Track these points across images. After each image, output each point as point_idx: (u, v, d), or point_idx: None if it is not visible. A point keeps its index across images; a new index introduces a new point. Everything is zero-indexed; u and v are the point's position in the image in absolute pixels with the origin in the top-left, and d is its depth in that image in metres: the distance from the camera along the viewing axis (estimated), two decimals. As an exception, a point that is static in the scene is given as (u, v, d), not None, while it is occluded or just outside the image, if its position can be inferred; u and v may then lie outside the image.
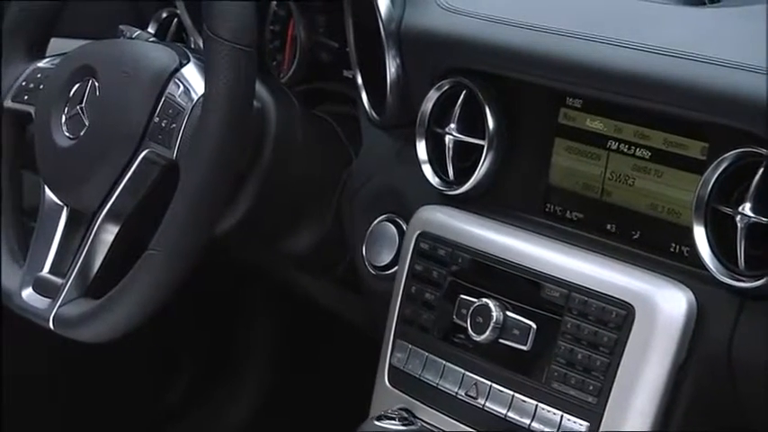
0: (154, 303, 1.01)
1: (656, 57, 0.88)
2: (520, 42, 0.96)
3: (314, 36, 1.26)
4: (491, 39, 0.98)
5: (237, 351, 1.61)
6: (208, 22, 0.98)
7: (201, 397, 1.63)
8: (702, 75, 0.85)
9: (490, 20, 0.99)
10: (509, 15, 0.98)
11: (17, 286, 1.11)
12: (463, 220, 1.00)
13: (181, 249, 0.99)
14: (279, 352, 1.60)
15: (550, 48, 0.94)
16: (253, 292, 1.57)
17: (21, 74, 1.16)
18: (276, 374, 1.60)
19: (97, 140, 1.06)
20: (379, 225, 1.12)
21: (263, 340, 1.60)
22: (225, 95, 0.97)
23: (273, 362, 1.60)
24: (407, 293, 1.02)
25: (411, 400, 0.99)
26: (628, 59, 0.89)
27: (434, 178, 1.04)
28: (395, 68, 1.08)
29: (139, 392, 1.59)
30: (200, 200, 0.98)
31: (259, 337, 1.60)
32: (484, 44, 0.98)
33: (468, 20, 1.00)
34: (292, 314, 1.56)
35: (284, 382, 1.60)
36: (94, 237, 1.06)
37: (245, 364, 1.61)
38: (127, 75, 1.05)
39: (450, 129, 1.03)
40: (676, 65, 0.86)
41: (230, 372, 1.62)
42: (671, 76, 0.87)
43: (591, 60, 0.91)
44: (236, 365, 1.61)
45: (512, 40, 0.97)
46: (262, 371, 1.60)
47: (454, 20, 1.01)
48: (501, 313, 0.93)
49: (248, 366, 1.60)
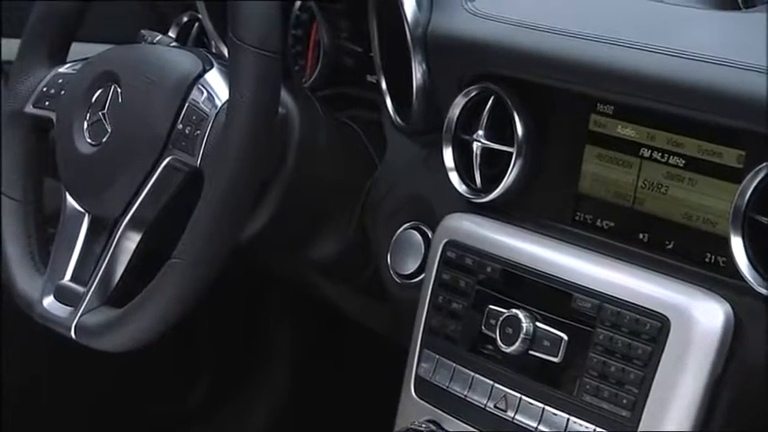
0: (177, 313, 1.00)
1: (689, 62, 0.86)
2: (550, 48, 0.94)
3: (337, 40, 1.24)
4: (521, 44, 0.96)
5: (259, 355, 1.60)
6: (233, 27, 0.96)
7: (223, 400, 1.62)
8: (735, 81, 0.83)
9: (520, 25, 0.97)
10: (539, 20, 0.97)
11: (38, 294, 1.09)
12: (491, 228, 0.99)
13: (205, 258, 0.98)
14: (301, 357, 1.58)
15: (581, 53, 0.92)
16: (275, 297, 1.55)
17: (42, 79, 1.15)
18: (298, 379, 1.59)
19: (120, 147, 1.05)
20: (405, 233, 1.10)
21: (285, 344, 1.59)
22: (250, 102, 0.95)
23: (295, 366, 1.59)
24: (434, 303, 1.01)
25: (438, 411, 0.98)
26: (660, 65, 0.87)
27: (461, 186, 1.03)
28: (421, 74, 1.06)
29: (161, 395, 1.58)
30: (225, 207, 0.97)
31: (281, 341, 1.58)
32: (513, 49, 0.97)
33: (497, 25, 0.99)
34: (314, 319, 1.54)
35: (306, 387, 1.59)
36: (116, 244, 1.05)
37: (266, 367, 1.59)
38: (150, 81, 1.04)
39: (477, 135, 1.01)
40: (709, 70, 0.84)
41: (252, 375, 1.61)
42: (704, 81, 0.85)
43: (623, 66, 0.90)
44: (258, 369, 1.60)
45: (542, 45, 0.95)
46: (283, 375, 1.58)
47: (483, 25, 1.00)
48: (531, 324, 0.91)
49: (270, 370, 1.59)
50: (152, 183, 1.03)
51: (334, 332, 1.52)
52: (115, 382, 1.51)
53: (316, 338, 1.58)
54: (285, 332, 1.58)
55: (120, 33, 1.41)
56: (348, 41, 1.25)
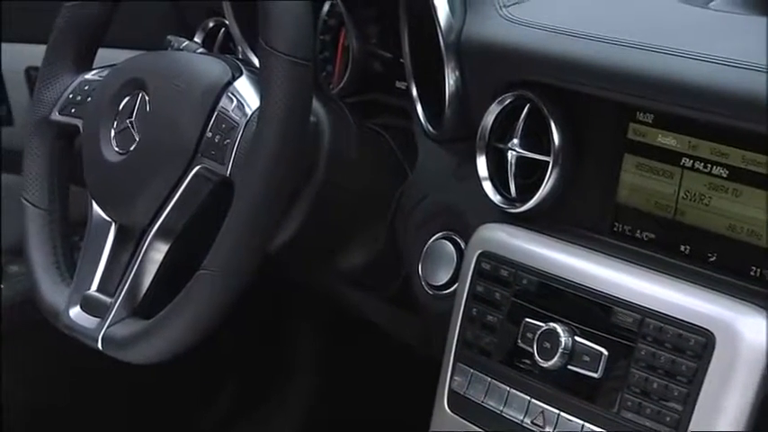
0: (206, 324, 0.98)
1: (734, 70, 0.83)
2: (589, 55, 0.92)
3: (366, 46, 1.22)
4: (558, 51, 0.94)
5: (284, 364, 1.58)
6: (264, 34, 0.94)
7: (247, 410, 1.60)
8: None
9: (557, 31, 0.95)
10: (577, 27, 0.94)
11: (64, 305, 1.08)
12: (527, 239, 0.96)
13: (235, 269, 0.96)
14: (326, 367, 1.56)
15: (621, 60, 0.90)
16: (300, 306, 1.53)
17: (68, 86, 1.13)
18: (324, 390, 1.57)
19: (148, 156, 1.03)
20: (436, 243, 1.08)
21: (310, 354, 1.57)
22: (281, 111, 0.93)
23: (321, 377, 1.57)
24: (468, 315, 0.98)
25: (473, 426, 0.95)
26: (703, 72, 0.85)
27: (495, 196, 1.00)
28: (454, 81, 1.04)
29: (185, 404, 1.56)
30: (255, 218, 0.95)
31: (306, 350, 1.56)
32: (550, 57, 0.94)
33: (533, 31, 0.96)
34: (340, 329, 1.52)
35: (332, 398, 1.57)
36: (144, 255, 1.03)
37: (291, 377, 1.57)
38: (178, 88, 1.02)
39: (512, 144, 0.99)
40: (754, 78, 0.82)
41: (276, 385, 1.59)
42: (748, 90, 0.82)
43: (664, 73, 0.87)
44: (282, 379, 1.58)
45: (580, 52, 0.92)
46: (309, 385, 1.57)
47: (518, 31, 0.97)
48: (569, 338, 0.89)
49: (295, 380, 1.57)
50: (180, 192, 1.01)
51: (360, 342, 1.50)
52: (138, 390, 1.50)
53: (342, 348, 1.56)
54: (310, 341, 1.56)
55: (145, 39, 1.40)
56: (377, 47, 1.23)
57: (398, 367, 1.42)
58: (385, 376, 1.52)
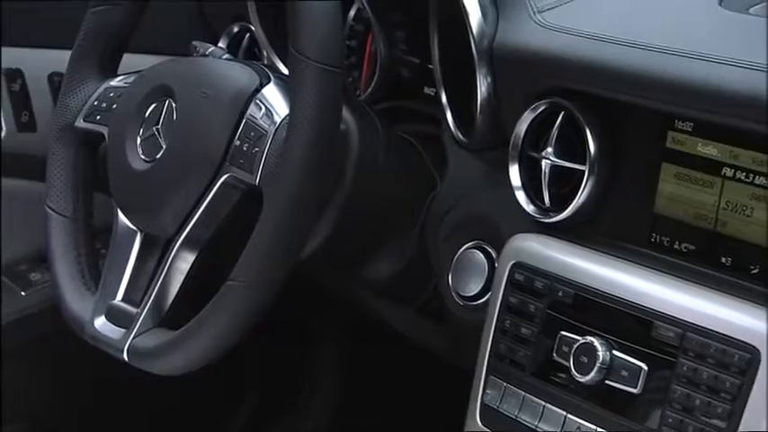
0: (234, 336, 0.96)
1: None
2: (626, 62, 0.90)
3: (394, 52, 1.20)
4: (594, 58, 0.92)
5: (306, 374, 1.56)
6: (294, 41, 0.92)
7: (269, 420, 1.58)
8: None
9: (593, 37, 0.93)
10: (614, 33, 0.92)
11: (89, 315, 1.06)
12: (562, 250, 0.94)
13: (264, 280, 0.94)
14: (349, 377, 1.54)
15: (659, 67, 0.88)
16: (323, 314, 1.52)
17: (93, 92, 1.11)
18: (347, 400, 1.55)
19: (175, 164, 1.01)
20: (467, 253, 1.06)
21: (333, 364, 1.55)
22: (311, 119, 0.91)
23: (344, 387, 1.55)
24: (501, 327, 0.96)
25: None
26: (744, 80, 0.83)
27: (529, 205, 0.98)
28: (486, 88, 1.02)
29: (208, 413, 1.54)
30: (285, 228, 0.93)
31: (329, 360, 1.54)
32: (586, 63, 0.92)
33: (568, 37, 0.94)
34: (365, 338, 1.50)
35: (355, 408, 1.55)
36: (170, 264, 1.01)
37: (313, 388, 1.56)
38: (205, 95, 1.00)
39: (546, 153, 0.97)
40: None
41: (298, 396, 1.57)
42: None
43: (703, 81, 0.85)
44: (304, 389, 1.56)
45: (616, 59, 0.90)
46: (331, 396, 1.55)
47: (553, 37, 0.95)
48: (607, 353, 0.87)
49: (317, 390, 1.55)
50: (208, 201, 0.99)
51: (384, 352, 1.48)
52: (158, 400, 1.48)
53: (366, 358, 1.54)
54: (333, 350, 1.54)
55: (169, 44, 1.39)
56: (405, 52, 1.21)
57: (424, 377, 1.40)
58: (410, 387, 1.49)
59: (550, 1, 0.99)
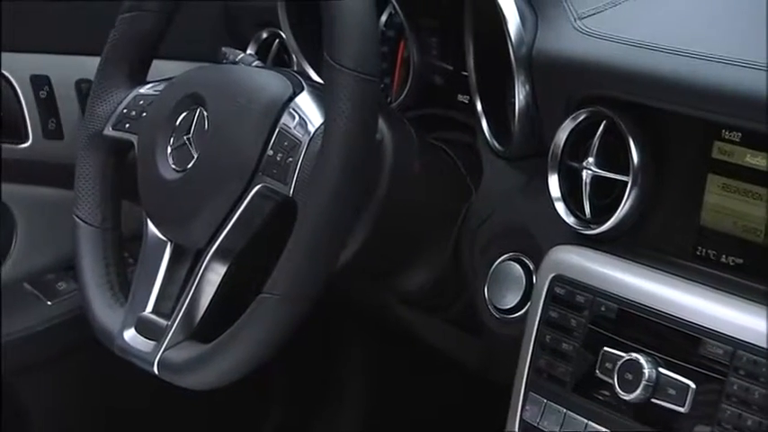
0: (267, 350, 0.94)
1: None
2: (671, 70, 0.87)
3: (427, 58, 1.18)
4: (637, 65, 0.89)
5: (332, 387, 1.54)
6: (329, 49, 0.91)
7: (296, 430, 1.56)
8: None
9: (636, 44, 0.90)
10: (658, 40, 0.90)
11: (118, 326, 1.04)
12: (604, 262, 0.92)
13: (298, 293, 0.92)
14: (377, 390, 1.52)
15: (706, 76, 0.85)
16: (351, 325, 1.49)
17: (122, 100, 1.10)
18: (374, 413, 1.52)
19: (206, 173, 0.99)
20: (504, 264, 1.04)
21: (360, 376, 1.53)
22: (348, 129, 0.89)
23: (371, 399, 1.52)
24: (540, 342, 0.94)
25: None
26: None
27: (569, 217, 0.96)
28: (524, 96, 1.00)
29: (234, 425, 1.52)
30: (320, 240, 0.91)
31: (356, 372, 1.52)
32: (630, 71, 0.90)
33: (611, 44, 0.92)
34: (393, 350, 1.48)
35: (384, 422, 1.52)
36: (201, 276, 0.99)
37: (340, 400, 1.53)
38: (238, 104, 0.98)
39: (588, 163, 0.94)
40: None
41: (325, 409, 1.55)
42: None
43: (753, 90, 0.82)
44: (331, 402, 1.53)
45: (661, 66, 0.88)
46: (359, 408, 1.52)
47: (595, 44, 0.93)
48: (653, 370, 0.84)
49: (344, 403, 1.53)
50: (240, 211, 0.97)
51: (415, 364, 1.45)
52: (185, 410, 1.46)
53: (394, 370, 1.51)
54: (361, 363, 1.51)
55: (197, 50, 1.37)
56: (438, 59, 1.18)
57: (455, 391, 1.37)
58: (440, 400, 1.47)
59: (592, 7, 0.97)
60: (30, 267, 1.34)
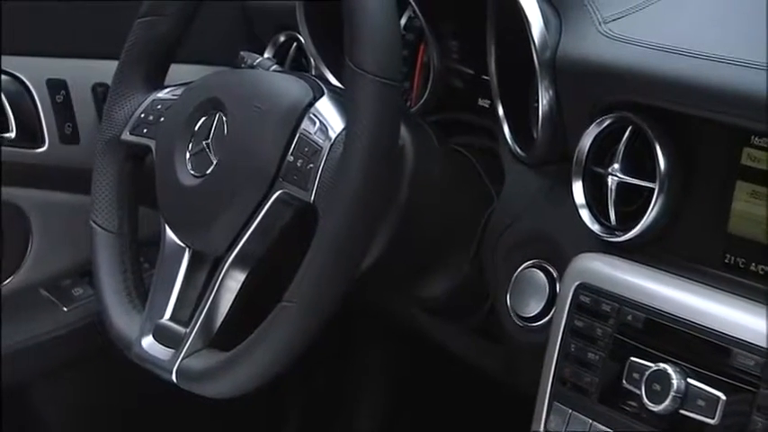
0: (287, 358, 0.93)
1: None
2: (698, 75, 0.86)
3: (447, 62, 1.17)
4: (666, 70, 0.88)
5: (350, 394, 1.52)
6: (350, 54, 0.89)
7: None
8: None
9: (663, 49, 0.89)
10: (684, 44, 0.88)
11: (136, 334, 1.03)
12: (630, 271, 0.90)
13: (319, 301, 0.91)
14: (396, 397, 1.50)
15: (735, 81, 0.83)
16: (368, 331, 1.48)
17: (139, 105, 1.09)
18: (393, 421, 1.50)
19: (225, 179, 0.98)
20: (526, 272, 1.02)
21: (380, 380, 1.51)
22: (370, 135, 0.88)
23: (391, 405, 1.51)
24: (565, 351, 0.92)
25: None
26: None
27: (594, 224, 0.94)
28: (547, 101, 0.98)
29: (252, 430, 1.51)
30: (342, 248, 0.90)
31: (374, 379, 1.50)
32: (658, 76, 0.88)
33: (637, 49, 0.90)
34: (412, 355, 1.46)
35: (402, 427, 1.51)
36: (220, 283, 0.98)
37: (357, 408, 1.52)
38: (257, 109, 0.97)
39: (613, 169, 0.93)
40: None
41: (342, 417, 1.53)
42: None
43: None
44: (348, 410, 1.52)
45: (690, 71, 0.86)
46: (377, 415, 1.51)
47: (621, 49, 0.91)
48: (682, 381, 0.82)
49: (361, 411, 1.51)
50: (260, 218, 0.96)
51: (434, 371, 1.43)
52: (200, 418, 1.45)
53: (413, 376, 1.49)
54: (379, 370, 1.49)
55: (213, 53, 1.36)
56: (458, 63, 1.17)
57: (475, 398, 1.36)
58: (460, 407, 1.45)
59: (617, 11, 0.96)
60: (45, 273, 1.33)
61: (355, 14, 0.89)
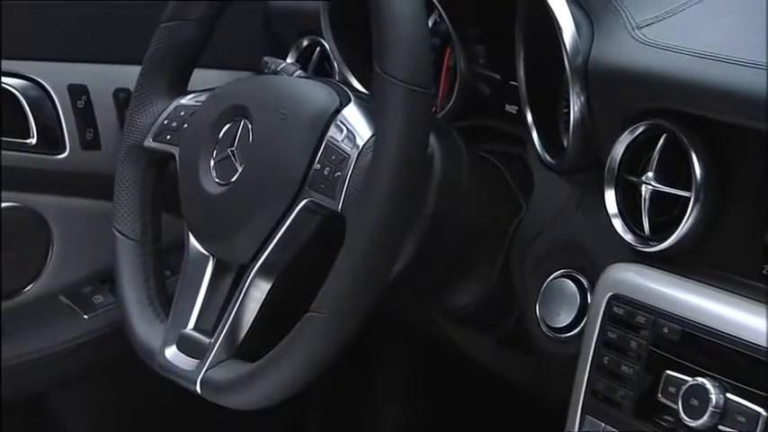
0: (315, 370, 0.91)
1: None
2: (735, 82, 0.83)
3: (473, 67, 1.15)
4: (700, 77, 0.86)
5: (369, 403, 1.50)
6: (380, 60, 0.87)
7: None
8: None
9: (698, 55, 0.87)
10: (720, 50, 0.86)
11: (159, 344, 1.02)
12: (665, 281, 0.88)
13: (347, 312, 0.89)
14: (418, 401, 1.48)
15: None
16: (391, 342, 1.46)
17: (162, 111, 1.07)
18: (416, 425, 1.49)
19: (251, 187, 0.96)
20: (556, 282, 1.01)
21: (400, 394, 1.49)
22: (400, 144, 0.86)
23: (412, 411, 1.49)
24: (598, 363, 0.90)
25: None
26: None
27: (627, 234, 0.93)
28: (579, 107, 0.96)
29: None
30: (371, 258, 0.88)
31: (395, 390, 1.48)
32: (692, 83, 0.86)
33: (671, 55, 0.88)
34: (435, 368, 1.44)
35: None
36: (245, 293, 0.96)
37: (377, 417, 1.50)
38: (283, 116, 0.95)
39: (647, 177, 0.91)
40: None
41: (365, 417, 1.51)
42: None
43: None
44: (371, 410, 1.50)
45: (725, 78, 0.84)
46: (399, 420, 1.49)
47: (655, 55, 0.89)
48: (721, 396, 0.80)
49: (381, 420, 1.49)
50: (286, 227, 0.94)
51: (458, 382, 1.41)
52: (221, 422, 1.44)
53: (436, 387, 1.47)
54: (400, 381, 1.47)
55: (234, 57, 1.35)
56: (485, 68, 1.15)
57: (501, 410, 1.34)
58: (485, 419, 1.43)
59: (650, 16, 0.93)
60: (66, 280, 1.31)
61: (385, 20, 0.87)
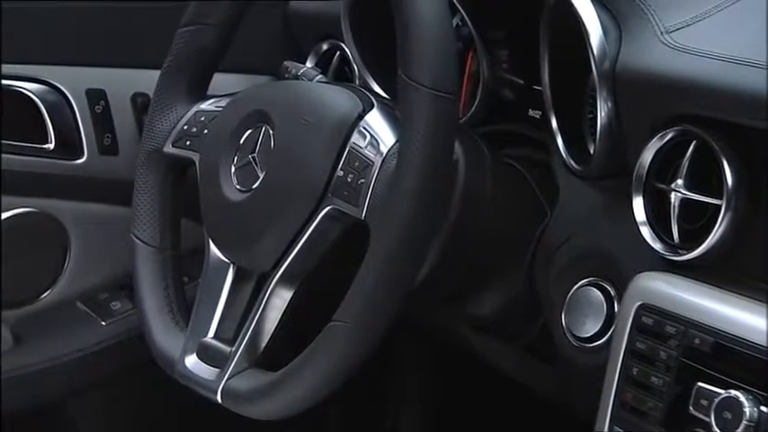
0: (338, 380, 0.90)
1: None
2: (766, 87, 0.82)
3: (496, 71, 1.13)
4: (731, 83, 0.84)
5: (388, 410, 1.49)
6: (404, 66, 0.86)
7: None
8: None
9: (729, 60, 0.85)
10: (751, 55, 0.84)
11: (179, 352, 1.00)
12: (696, 291, 0.86)
13: (371, 321, 0.87)
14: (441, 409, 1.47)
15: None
16: (410, 349, 1.44)
17: (182, 116, 1.06)
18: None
19: (273, 194, 0.95)
20: (582, 290, 0.99)
21: (417, 390, 1.48)
22: (425, 151, 0.85)
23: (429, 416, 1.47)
24: (626, 374, 0.88)
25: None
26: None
27: (656, 242, 0.91)
28: (606, 113, 0.95)
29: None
30: (395, 266, 0.86)
31: (414, 399, 1.47)
32: (723, 89, 0.84)
33: (701, 60, 0.86)
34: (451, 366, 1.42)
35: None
36: (266, 301, 0.95)
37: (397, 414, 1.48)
38: (306, 122, 0.94)
39: (677, 185, 0.89)
40: None
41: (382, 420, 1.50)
42: None
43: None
44: (390, 424, 1.49)
45: (758, 84, 0.82)
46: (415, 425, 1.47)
47: (684, 60, 0.88)
48: (755, 409, 0.78)
49: (403, 425, 1.48)
50: (308, 234, 0.93)
51: (480, 390, 1.39)
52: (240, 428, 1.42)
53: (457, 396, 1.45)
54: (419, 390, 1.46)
55: (253, 61, 1.33)
56: (508, 72, 1.14)
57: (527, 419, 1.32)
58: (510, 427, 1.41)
59: (679, 21, 0.92)
60: (83, 286, 1.30)
61: (410, 26, 0.86)
